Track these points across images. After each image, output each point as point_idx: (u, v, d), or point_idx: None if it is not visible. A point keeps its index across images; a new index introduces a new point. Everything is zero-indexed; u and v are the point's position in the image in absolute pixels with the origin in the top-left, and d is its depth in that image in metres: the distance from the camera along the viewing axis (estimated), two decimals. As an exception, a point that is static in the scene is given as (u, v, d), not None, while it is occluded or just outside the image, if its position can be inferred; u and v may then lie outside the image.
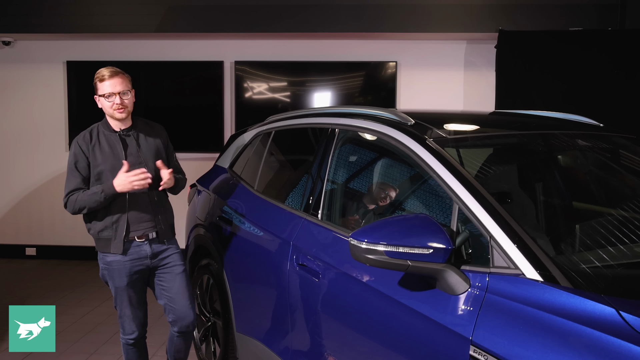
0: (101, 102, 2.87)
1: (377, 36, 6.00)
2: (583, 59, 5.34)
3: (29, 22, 6.04)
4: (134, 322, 2.98)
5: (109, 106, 2.83)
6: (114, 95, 2.81)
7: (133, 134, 2.91)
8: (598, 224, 2.14)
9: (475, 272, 1.82)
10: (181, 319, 2.99)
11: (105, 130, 2.90)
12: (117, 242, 2.85)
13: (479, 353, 1.66)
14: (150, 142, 2.95)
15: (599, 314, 1.51)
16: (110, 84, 2.82)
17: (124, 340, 3.04)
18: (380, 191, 2.69)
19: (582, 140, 2.64)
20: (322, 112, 3.06)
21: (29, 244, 6.68)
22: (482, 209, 1.87)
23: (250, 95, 6.26)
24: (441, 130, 2.36)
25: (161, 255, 2.95)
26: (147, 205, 2.90)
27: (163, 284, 2.98)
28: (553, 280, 1.65)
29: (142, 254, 2.90)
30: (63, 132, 6.52)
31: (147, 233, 2.90)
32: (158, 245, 2.94)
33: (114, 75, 2.83)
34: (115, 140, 2.88)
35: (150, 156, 2.92)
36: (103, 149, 2.85)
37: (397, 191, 2.66)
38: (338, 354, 2.37)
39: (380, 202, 2.67)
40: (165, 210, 3.00)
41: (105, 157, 2.84)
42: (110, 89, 2.81)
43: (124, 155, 2.84)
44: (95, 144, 2.86)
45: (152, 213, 2.91)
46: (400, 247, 1.82)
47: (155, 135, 3.00)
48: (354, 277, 2.24)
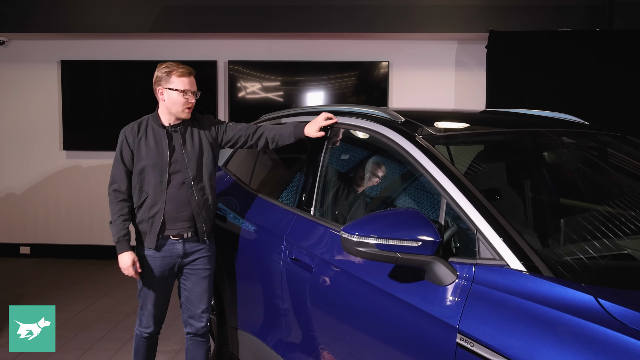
0: (169, 95, 2.79)
1: (370, 36, 6.07)
2: (572, 58, 5.43)
3: (23, 22, 6.07)
4: (152, 317, 2.97)
5: (182, 103, 2.78)
6: (189, 93, 2.78)
7: (180, 129, 2.84)
8: (582, 219, 2.21)
9: (462, 264, 1.88)
10: (193, 320, 3.00)
11: (155, 125, 2.85)
12: (151, 236, 2.83)
13: (465, 341, 1.73)
14: (195, 139, 2.87)
15: (579, 301, 1.58)
16: (189, 81, 2.79)
17: (138, 331, 3.04)
18: (367, 184, 2.75)
19: (568, 137, 2.71)
20: (314, 110, 3.12)
21: (23, 242, 6.71)
22: (469, 203, 1.94)
23: (243, 94, 6.31)
24: (431, 128, 2.43)
25: (192, 255, 2.92)
26: (186, 204, 2.84)
27: (186, 284, 2.97)
28: (536, 270, 1.72)
29: (174, 253, 2.88)
30: (57, 131, 6.55)
31: (183, 232, 2.86)
32: (192, 245, 2.90)
33: (192, 73, 2.81)
34: (163, 135, 2.82)
35: (194, 154, 2.85)
36: (149, 144, 2.81)
37: (384, 170, 2.72)
38: (330, 345, 2.44)
39: (369, 183, 2.73)
40: (206, 210, 2.91)
41: (149, 152, 2.80)
42: (188, 87, 2.78)
43: (167, 152, 2.80)
44: (142, 137, 2.82)
45: (191, 213, 2.86)
46: (390, 240, 1.89)
47: (202, 130, 2.91)
48: (345, 271, 2.30)
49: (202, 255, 2.95)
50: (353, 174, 2.88)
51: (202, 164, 2.88)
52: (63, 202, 6.61)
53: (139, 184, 2.83)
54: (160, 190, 2.81)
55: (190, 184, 2.83)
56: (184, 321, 3.06)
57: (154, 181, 2.81)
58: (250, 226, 3.09)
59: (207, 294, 2.99)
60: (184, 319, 3.05)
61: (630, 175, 2.59)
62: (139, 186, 2.83)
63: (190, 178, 2.83)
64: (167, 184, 2.80)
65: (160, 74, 2.81)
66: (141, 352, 3.09)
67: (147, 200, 2.83)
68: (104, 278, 5.82)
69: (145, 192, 2.83)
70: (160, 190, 2.81)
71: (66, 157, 6.60)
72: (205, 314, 3.01)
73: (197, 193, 2.85)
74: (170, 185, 2.81)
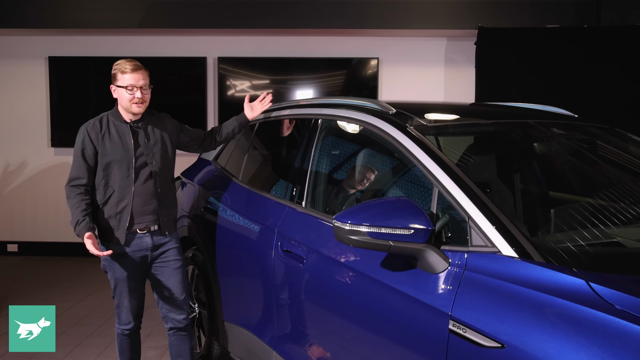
0: (119, 93, 2.85)
1: (359, 33, 6.08)
2: (560, 55, 5.47)
3: (10, 17, 6.01)
4: (131, 313, 2.98)
5: (129, 99, 2.82)
6: (135, 89, 2.81)
7: (142, 125, 2.90)
8: (572, 209, 2.23)
9: (454, 252, 1.89)
10: (173, 314, 3.01)
11: (116, 120, 2.89)
12: (119, 232, 2.85)
13: (458, 327, 1.73)
14: (157, 134, 2.94)
15: (570, 285, 1.59)
16: (133, 77, 2.81)
17: (119, 330, 3.04)
18: (358, 175, 2.76)
19: (557, 129, 2.73)
20: (305, 103, 3.12)
21: (10, 240, 6.64)
22: (461, 191, 1.95)
23: (232, 90, 6.29)
24: (422, 119, 2.43)
25: (161, 248, 2.95)
26: (152, 198, 2.89)
27: (159, 278, 2.98)
28: (528, 256, 1.73)
29: (143, 246, 2.91)
30: (45, 128, 6.50)
31: (149, 226, 2.90)
32: (159, 238, 2.94)
33: (138, 69, 2.84)
34: (126, 130, 2.87)
35: (157, 148, 2.91)
36: (113, 139, 2.84)
37: (375, 173, 2.73)
38: (323, 336, 2.44)
39: (359, 185, 2.74)
40: (169, 203, 2.98)
41: (114, 148, 2.83)
42: (133, 82, 2.81)
43: (133, 146, 2.84)
44: (105, 133, 2.85)
45: (156, 205, 2.90)
46: (383, 228, 1.89)
47: (162, 126, 2.99)
48: (337, 260, 2.30)
49: (171, 247, 2.99)
50: (344, 166, 2.88)
51: (166, 158, 2.95)
52: (51, 200, 6.55)
53: (104, 180, 2.85)
54: (127, 184, 2.84)
55: (156, 178, 2.89)
56: (163, 317, 3.06)
57: (120, 175, 2.83)
58: (242, 219, 3.09)
59: (182, 285, 3.01)
60: (163, 315, 3.05)
61: (619, 167, 2.61)
62: (104, 182, 2.85)
63: (156, 172, 2.88)
64: (134, 178, 2.84)
65: (112, 72, 2.88)
66: (126, 349, 3.08)
67: (114, 195, 2.85)
68: (92, 275, 5.78)
69: (111, 187, 2.85)
70: (127, 184, 2.84)
71: (54, 154, 6.55)
72: (184, 306, 3.02)
73: (161, 186, 2.92)
74: (136, 179, 2.85)
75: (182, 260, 3.03)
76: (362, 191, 2.77)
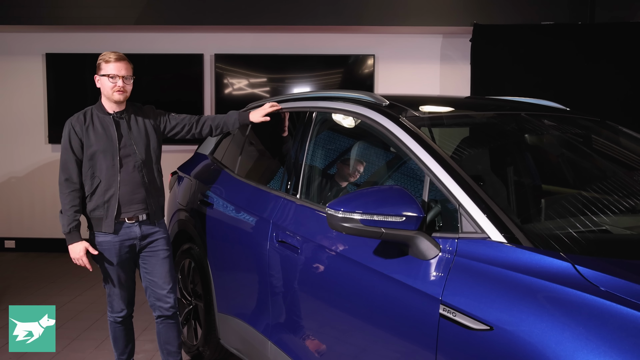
0: (102, 82, 2.94)
1: (356, 29, 6.11)
2: (555, 51, 5.51)
3: (7, 14, 6.02)
4: (122, 300, 3.07)
5: (110, 87, 2.90)
6: (117, 78, 2.90)
7: (125, 116, 2.99)
8: (563, 199, 2.26)
9: (445, 238, 1.92)
10: (160, 302, 3.07)
11: (99, 113, 2.97)
12: (108, 221, 2.93)
13: (448, 311, 1.77)
14: (140, 125, 3.02)
15: (557, 269, 1.62)
16: (116, 66, 2.90)
17: (111, 318, 3.12)
18: (352, 166, 2.79)
19: (550, 121, 2.77)
20: (300, 96, 3.15)
21: (7, 236, 6.66)
22: (451, 178, 1.98)
23: (229, 87, 6.32)
24: (415, 111, 2.46)
25: (149, 237, 3.03)
26: (139, 187, 2.96)
27: (147, 267, 3.06)
28: (516, 241, 1.77)
29: (131, 235, 2.98)
30: (42, 124, 6.52)
31: (138, 215, 2.98)
32: (148, 227, 3.02)
33: (121, 59, 2.94)
34: (109, 122, 2.95)
35: (141, 139, 3.00)
36: (97, 131, 2.93)
37: (365, 164, 2.76)
38: (318, 324, 2.47)
39: (353, 177, 2.77)
40: (156, 192, 3.06)
41: (98, 138, 2.91)
42: (115, 71, 2.90)
43: (116, 137, 2.92)
44: (89, 124, 2.93)
45: (144, 195, 2.98)
46: (375, 216, 1.92)
47: (145, 118, 3.07)
48: (331, 250, 2.33)
49: (160, 237, 3.07)
50: (339, 157, 2.91)
51: (149, 148, 3.03)
52: (48, 196, 6.56)
53: (90, 170, 2.92)
54: (113, 173, 2.92)
55: (141, 167, 2.96)
56: (151, 305, 3.13)
57: (105, 165, 2.91)
58: (237, 211, 3.11)
59: (170, 274, 3.09)
60: (151, 303, 3.12)
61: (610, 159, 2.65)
62: (90, 172, 2.92)
63: (140, 161, 2.96)
64: (119, 167, 2.91)
65: (97, 63, 2.96)
66: (120, 338, 3.14)
67: (101, 185, 2.93)
68: (89, 271, 5.78)
69: (98, 177, 2.92)
70: (113, 173, 2.92)
71: (51, 151, 6.56)
72: (172, 294, 3.08)
73: (147, 176, 3.00)
74: (122, 168, 2.92)
75: (170, 249, 3.11)
76: (356, 183, 2.80)
